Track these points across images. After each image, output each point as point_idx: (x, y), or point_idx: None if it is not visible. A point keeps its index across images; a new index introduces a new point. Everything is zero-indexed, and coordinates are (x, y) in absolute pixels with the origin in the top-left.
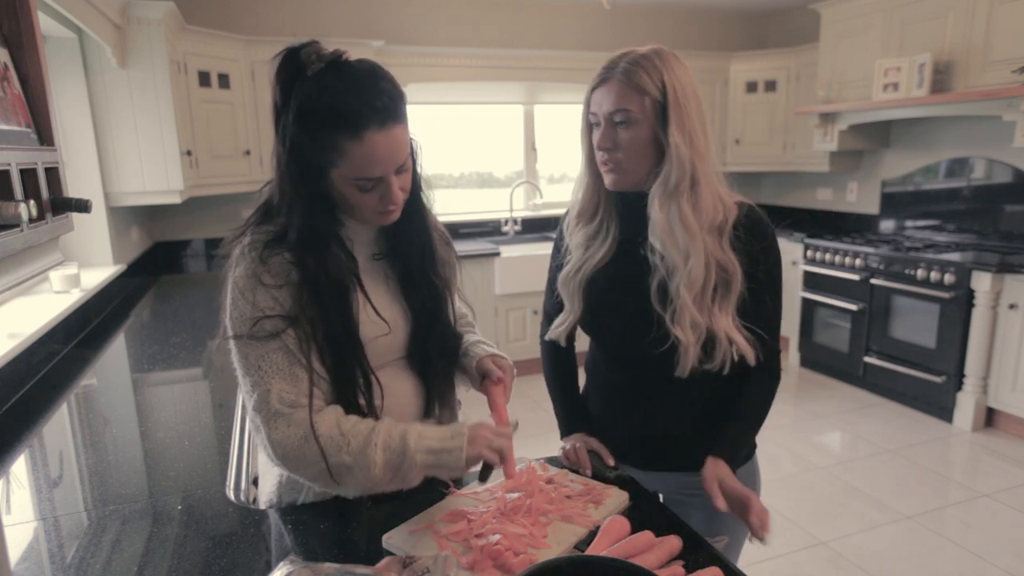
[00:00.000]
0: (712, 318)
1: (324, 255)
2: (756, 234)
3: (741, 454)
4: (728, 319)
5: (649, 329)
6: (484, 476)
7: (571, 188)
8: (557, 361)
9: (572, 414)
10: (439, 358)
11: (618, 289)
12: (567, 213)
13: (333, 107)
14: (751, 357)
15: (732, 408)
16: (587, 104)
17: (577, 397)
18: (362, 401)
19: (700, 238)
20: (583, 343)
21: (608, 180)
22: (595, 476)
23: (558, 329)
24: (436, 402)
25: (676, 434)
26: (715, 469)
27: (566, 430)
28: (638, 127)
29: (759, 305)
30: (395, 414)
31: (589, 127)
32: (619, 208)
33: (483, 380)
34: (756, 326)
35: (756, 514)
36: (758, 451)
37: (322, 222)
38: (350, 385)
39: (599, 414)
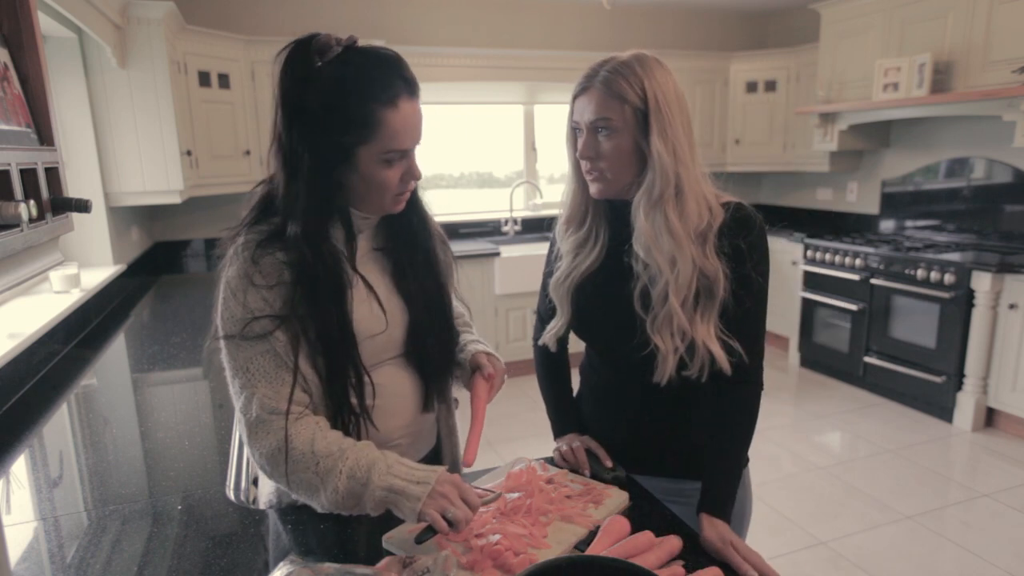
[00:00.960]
0: (692, 326)
1: (323, 249)
2: (741, 231)
3: (734, 495)
4: (708, 328)
5: (633, 334)
6: (420, 539)
7: None
8: (549, 364)
9: (564, 416)
10: (437, 354)
11: (606, 294)
12: (559, 218)
13: (366, 79)
14: (727, 367)
15: (714, 441)
16: (570, 111)
17: (570, 399)
18: (354, 400)
19: (686, 245)
20: (577, 345)
21: (593, 189)
22: (593, 476)
23: (549, 333)
24: (434, 399)
25: (661, 439)
26: (719, 532)
27: (559, 431)
28: (619, 136)
29: (740, 306)
30: (392, 412)
31: (574, 134)
32: (607, 214)
33: (473, 374)
34: (737, 329)
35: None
36: (756, 452)
37: (326, 212)
38: (341, 383)
39: (591, 416)
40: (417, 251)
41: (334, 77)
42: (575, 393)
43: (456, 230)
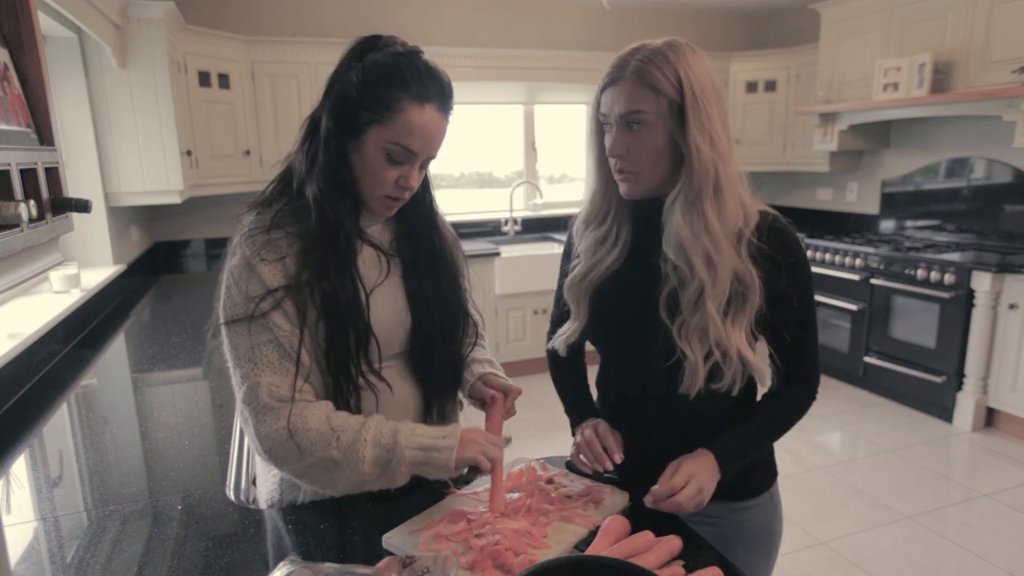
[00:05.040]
0: (726, 333)
1: (340, 208)
2: (780, 247)
3: (741, 456)
4: (740, 334)
5: (656, 341)
6: (468, 479)
7: (571, 188)
8: (565, 367)
9: (581, 402)
10: (440, 363)
11: (627, 297)
12: (576, 217)
13: (408, 71)
14: (764, 378)
15: (752, 416)
16: (596, 105)
17: (586, 388)
18: (352, 369)
19: (725, 247)
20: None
21: (623, 189)
22: (594, 477)
23: (560, 338)
24: (434, 404)
25: (681, 454)
26: (691, 463)
27: (576, 419)
28: (653, 130)
29: (785, 328)
30: (390, 415)
31: (599, 130)
32: (633, 213)
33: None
34: (784, 349)
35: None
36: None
37: (338, 177)
38: (344, 347)
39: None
40: (431, 258)
41: (381, 61)
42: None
43: (456, 230)
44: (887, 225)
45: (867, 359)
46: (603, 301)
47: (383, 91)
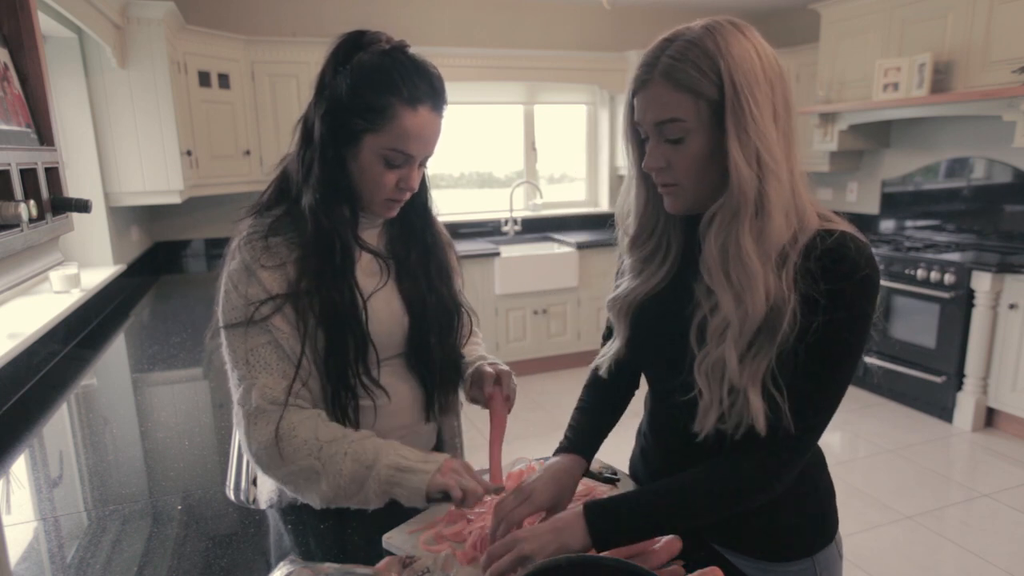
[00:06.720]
0: (740, 369)
1: (336, 216)
2: (826, 268)
3: (628, 532)
4: (755, 371)
5: (680, 370)
6: (432, 499)
7: (571, 188)
8: (592, 385)
9: (572, 432)
10: (440, 361)
11: (664, 319)
12: (622, 234)
13: (398, 73)
14: (761, 425)
15: (687, 474)
16: (629, 109)
17: (600, 419)
18: (351, 377)
19: (761, 279)
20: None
21: (667, 203)
22: (590, 477)
23: (605, 356)
24: (436, 404)
25: None
26: (539, 535)
27: (565, 444)
28: (692, 139)
29: (800, 362)
30: (392, 415)
31: (635, 136)
32: (682, 223)
33: (485, 391)
34: (785, 390)
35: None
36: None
37: (335, 185)
38: (342, 356)
39: (641, 458)
40: (422, 254)
41: (369, 64)
42: (639, 428)
43: (456, 230)
44: (887, 225)
45: (867, 359)
46: (642, 322)
47: (374, 97)
